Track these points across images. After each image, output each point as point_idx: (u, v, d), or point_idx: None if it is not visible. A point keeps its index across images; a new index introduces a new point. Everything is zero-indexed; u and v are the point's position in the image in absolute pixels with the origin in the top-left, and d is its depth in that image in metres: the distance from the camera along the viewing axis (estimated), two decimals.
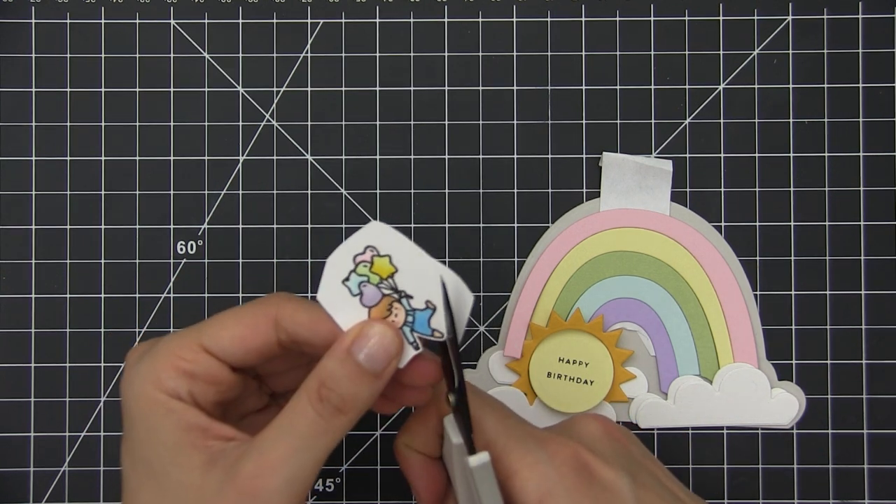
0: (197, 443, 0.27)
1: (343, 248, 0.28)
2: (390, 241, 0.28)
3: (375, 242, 0.28)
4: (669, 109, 0.40)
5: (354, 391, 0.27)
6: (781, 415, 0.39)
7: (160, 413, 0.27)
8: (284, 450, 0.26)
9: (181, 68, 0.40)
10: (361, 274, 0.28)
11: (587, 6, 0.40)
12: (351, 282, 0.28)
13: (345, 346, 0.27)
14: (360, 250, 0.28)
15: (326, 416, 0.27)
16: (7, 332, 0.40)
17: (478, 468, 0.27)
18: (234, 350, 0.28)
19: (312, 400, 0.27)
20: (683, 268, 0.40)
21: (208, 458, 0.27)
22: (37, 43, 0.40)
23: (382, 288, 0.28)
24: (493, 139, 0.40)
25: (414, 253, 0.28)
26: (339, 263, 0.28)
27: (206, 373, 0.28)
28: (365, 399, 0.27)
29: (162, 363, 0.28)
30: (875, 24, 0.40)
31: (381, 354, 0.27)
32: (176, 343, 0.28)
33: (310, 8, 0.41)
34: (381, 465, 0.40)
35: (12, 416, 0.40)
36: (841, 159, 0.40)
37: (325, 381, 0.27)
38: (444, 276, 0.28)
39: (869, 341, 0.40)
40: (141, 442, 0.27)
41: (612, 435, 0.31)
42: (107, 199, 0.40)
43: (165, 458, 0.27)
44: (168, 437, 0.27)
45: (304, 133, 0.40)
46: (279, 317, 0.28)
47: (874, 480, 0.40)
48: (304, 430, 0.27)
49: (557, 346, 0.39)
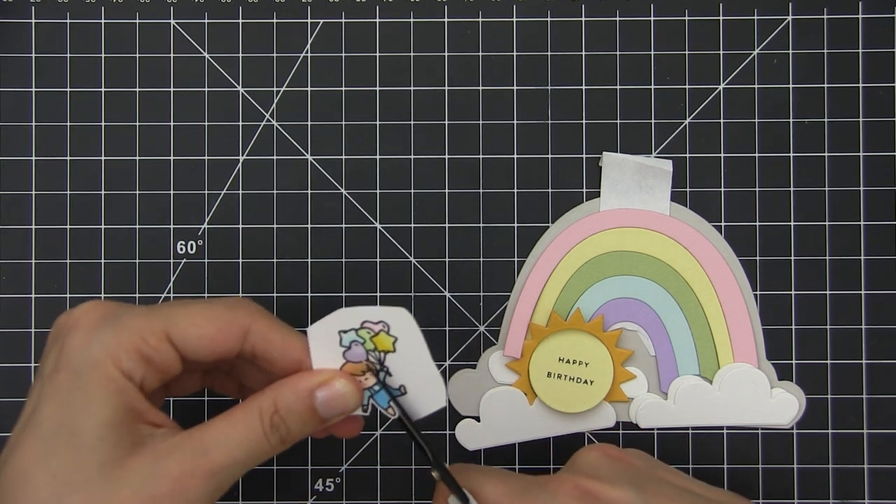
0: (131, 424, 0.27)
1: (359, 309, 0.29)
2: (406, 330, 0.29)
3: (392, 323, 0.29)
4: (669, 109, 0.40)
5: (301, 429, 0.29)
6: (781, 415, 0.39)
7: (109, 389, 0.27)
8: (226, 458, 0.27)
9: (181, 68, 0.40)
10: (360, 336, 0.29)
11: (587, 6, 0.40)
12: (347, 335, 0.29)
13: (310, 385, 0.29)
14: (374, 320, 0.29)
15: (272, 442, 0.28)
16: (7, 332, 0.40)
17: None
18: (198, 348, 0.29)
19: (265, 423, 0.28)
20: (683, 268, 0.40)
21: (135, 440, 0.27)
22: (37, 43, 0.40)
23: (370, 356, 0.30)
24: (493, 139, 0.40)
25: (421, 352, 0.29)
26: (347, 316, 0.29)
27: (163, 361, 0.28)
28: (305, 435, 0.29)
29: (126, 341, 0.28)
30: (875, 24, 0.40)
31: (338, 407, 0.29)
32: (142, 323, 0.28)
33: (310, 8, 0.41)
34: (380, 465, 0.40)
35: (12, 416, 0.40)
36: (841, 159, 0.40)
37: (280, 410, 0.28)
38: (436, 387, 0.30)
39: (869, 341, 0.40)
40: (75, 405, 0.27)
41: (612, 456, 0.32)
42: (107, 199, 0.40)
43: (98, 433, 0.27)
44: (107, 415, 0.27)
45: (304, 133, 0.40)
46: (252, 330, 0.29)
47: (874, 480, 0.40)
48: (249, 447, 0.28)
49: (557, 346, 0.39)
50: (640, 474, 0.31)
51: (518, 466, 0.40)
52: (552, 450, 0.40)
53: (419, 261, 0.40)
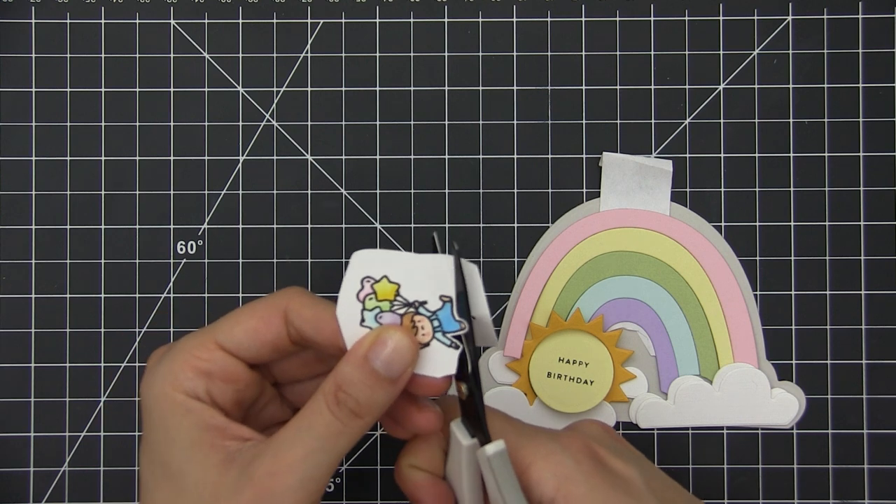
0: (215, 442, 0.27)
1: (343, 294, 0.28)
2: (379, 263, 0.28)
3: (367, 272, 0.28)
4: (669, 109, 0.40)
5: (370, 396, 0.27)
6: (781, 415, 0.39)
7: (178, 413, 0.27)
8: (301, 450, 0.26)
9: (181, 68, 0.40)
10: (372, 308, 0.28)
11: (587, 6, 0.40)
12: (367, 321, 0.28)
13: (362, 352, 0.27)
14: (358, 287, 0.28)
15: (343, 418, 0.27)
16: (7, 332, 0.40)
17: (495, 456, 0.27)
18: (248, 344, 0.28)
19: (329, 402, 0.27)
20: (683, 268, 0.40)
21: (225, 458, 0.27)
22: (37, 43, 0.40)
23: (396, 309, 0.28)
24: (493, 139, 0.40)
25: (405, 259, 0.28)
26: (347, 310, 0.28)
27: (223, 371, 0.28)
28: (381, 404, 0.27)
29: (179, 363, 0.28)
30: (875, 24, 0.40)
31: (398, 361, 0.27)
32: (192, 342, 0.28)
33: (310, 8, 0.41)
34: (380, 465, 0.40)
35: (12, 416, 0.40)
36: (841, 159, 0.40)
37: (342, 384, 0.27)
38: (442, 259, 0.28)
39: (869, 341, 0.40)
40: (159, 442, 0.28)
41: (612, 434, 0.32)
42: (107, 199, 0.40)
43: (182, 457, 0.27)
44: (186, 436, 0.27)
45: (304, 133, 0.40)
46: (288, 310, 0.29)
47: (874, 480, 0.40)
48: (320, 431, 0.27)
49: (557, 346, 0.39)
50: (638, 456, 0.32)
51: None
52: None
53: None
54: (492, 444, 0.28)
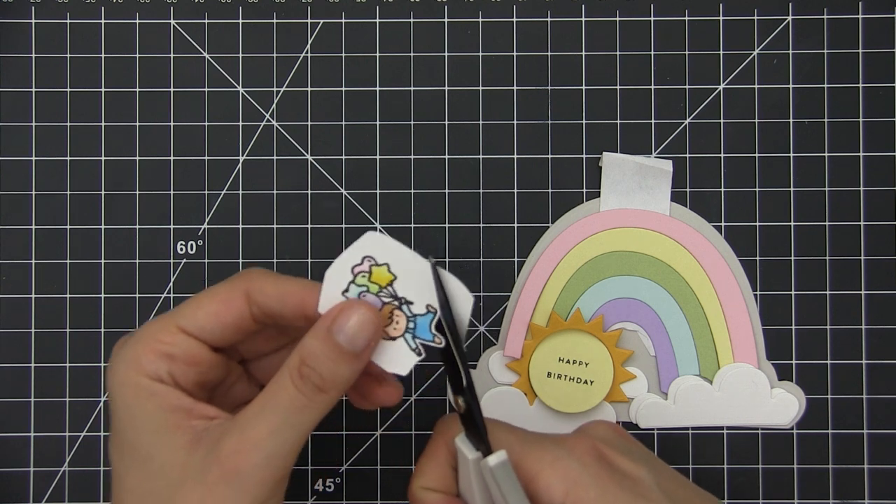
0: (181, 423, 0.27)
1: (340, 260, 0.28)
2: (387, 250, 0.28)
3: (372, 252, 0.28)
4: (669, 109, 0.40)
5: (334, 370, 0.27)
6: (781, 415, 0.39)
7: (143, 397, 0.27)
8: (265, 426, 0.27)
9: (181, 68, 0.40)
10: (360, 284, 0.28)
11: (587, 6, 0.40)
12: (350, 292, 0.28)
13: (325, 325, 0.27)
14: (357, 261, 0.28)
15: (307, 393, 0.27)
16: (7, 332, 0.40)
17: (497, 466, 0.27)
18: (210, 326, 0.28)
19: (294, 377, 0.27)
20: (683, 268, 0.40)
21: (192, 438, 0.27)
22: (37, 43, 0.40)
23: (382, 296, 0.28)
24: (493, 139, 0.40)
25: (411, 258, 0.28)
26: (336, 275, 0.28)
27: (185, 353, 0.28)
28: (345, 378, 0.27)
29: (142, 348, 0.28)
30: (875, 24, 0.40)
31: (361, 334, 0.27)
32: (153, 328, 0.28)
33: (310, 8, 0.41)
34: (381, 465, 0.40)
35: (12, 416, 0.40)
36: (841, 159, 0.40)
37: (306, 358, 0.27)
38: (443, 276, 0.28)
39: (869, 341, 0.40)
40: (125, 428, 0.28)
41: (621, 433, 0.32)
42: (107, 199, 0.40)
43: (150, 441, 0.27)
44: (151, 419, 0.27)
45: (304, 133, 0.40)
46: (249, 290, 0.29)
47: (874, 480, 0.40)
48: (284, 406, 0.27)
49: (557, 346, 0.39)
50: (648, 455, 0.31)
51: None
52: None
53: None
54: (493, 455, 0.28)
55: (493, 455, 0.27)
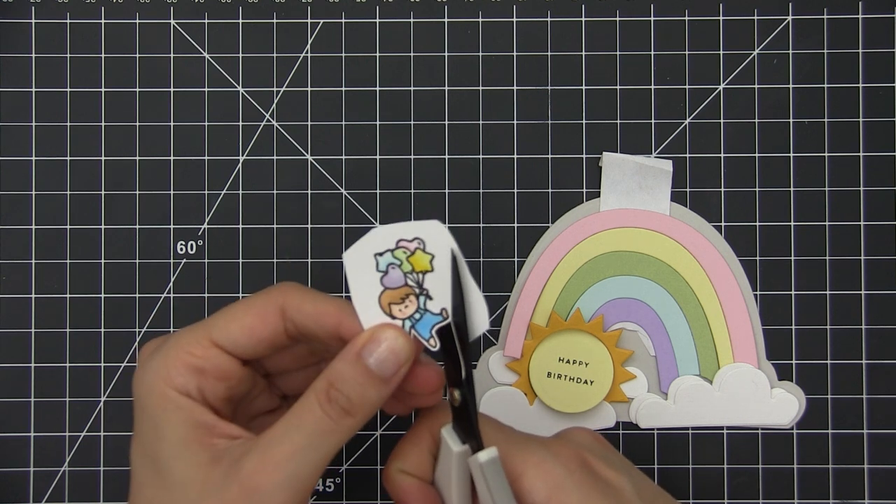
0: (203, 440, 0.27)
1: (393, 227, 0.28)
2: (442, 245, 0.28)
3: (427, 238, 0.28)
4: (669, 109, 0.40)
5: (362, 394, 0.27)
6: (781, 415, 0.39)
7: (169, 409, 0.27)
8: (289, 447, 0.26)
9: (181, 68, 0.40)
10: (396, 257, 0.28)
11: (587, 6, 0.40)
12: (383, 257, 0.28)
13: (356, 349, 0.27)
14: (408, 237, 0.28)
15: (334, 416, 0.27)
16: (7, 332, 0.40)
17: (488, 463, 0.27)
18: (244, 341, 0.28)
19: (321, 399, 0.27)
20: (683, 268, 0.40)
21: (212, 456, 0.27)
22: (37, 43, 0.40)
23: (408, 278, 0.28)
24: (493, 139, 0.40)
25: (458, 265, 0.28)
26: (381, 237, 0.28)
27: (216, 368, 0.28)
28: (373, 403, 0.27)
29: (172, 359, 0.28)
30: (875, 24, 0.40)
31: (392, 360, 0.27)
32: (186, 338, 0.28)
33: (310, 8, 0.41)
34: (380, 465, 0.40)
35: (12, 416, 0.40)
36: (841, 159, 0.40)
37: (334, 381, 0.27)
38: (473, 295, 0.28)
39: (869, 341, 0.40)
40: (149, 437, 0.28)
41: (602, 442, 0.32)
42: (107, 199, 0.40)
43: (171, 454, 0.27)
44: (175, 433, 0.27)
45: (304, 133, 0.40)
46: (286, 306, 0.28)
47: (874, 480, 0.40)
48: (310, 428, 0.27)
49: (557, 346, 0.39)
50: (628, 465, 0.31)
51: None
52: None
53: None
54: (484, 451, 0.27)
55: (484, 451, 0.27)
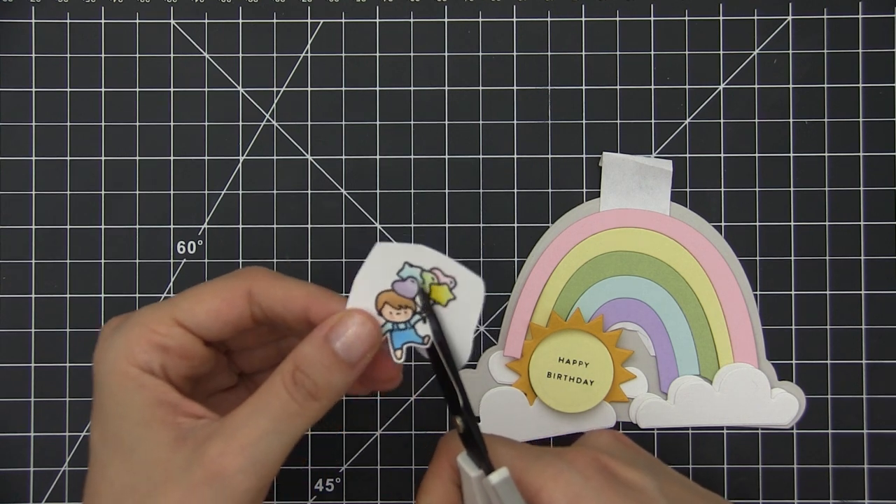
0: (166, 419, 0.27)
1: (440, 255, 0.28)
2: (469, 299, 0.28)
3: (462, 283, 0.28)
4: (669, 109, 0.40)
5: (328, 378, 0.27)
6: (781, 415, 0.39)
7: (131, 388, 0.27)
8: (253, 430, 0.26)
9: (181, 68, 0.40)
10: (423, 277, 0.28)
11: (587, 6, 0.40)
12: (412, 269, 0.28)
13: (323, 332, 0.27)
14: (446, 271, 0.28)
15: (299, 399, 0.27)
16: (7, 332, 0.40)
17: (500, 484, 0.27)
18: (209, 324, 0.28)
19: (287, 382, 0.27)
20: (683, 268, 0.40)
21: (177, 435, 0.27)
22: (37, 43, 0.40)
23: (418, 297, 0.28)
24: (493, 139, 0.40)
25: (468, 323, 0.28)
26: (422, 253, 0.28)
27: (180, 347, 0.28)
28: (338, 387, 0.27)
29: (136, 336, 0.28)
30: (875, 24, 0.40)
31: (358, 344, 0.27)
32: (150, 316, 0.28)
33: (310, 8, 0.41)
34: (380, 465, 0.40)
35: (12, 416, 0.40)
36: (841, 159, 0.40)
37: (301, 365, 0.27)
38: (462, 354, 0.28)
39: (869, 341, 0.40)
40: (111, 416, 0.27)
41: (624, 442, 0.32)
42: (107, 199, 0.40)
43: (135, 433, 0.27)
44: (138, 412, 0.27)
45: (304, 133, 0.40)
46: (253, 290, 0.28)
47: (874, 480, 0.40)
48: (275, 411, 0.27)
49: (557, 346, 0.39)
50: (652, 462, 0.31)
51: None
52: None
53: None
54: (495, 473, 0.27)
55: (495, 473, 0.27)
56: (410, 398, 0.40)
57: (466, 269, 0.28)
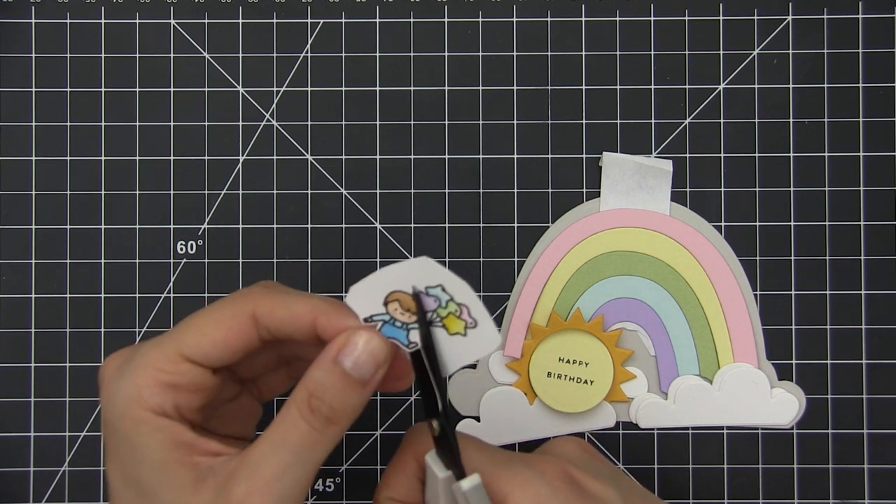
0: (184, 460, 0.26)
1: (474, 297, 0.27)
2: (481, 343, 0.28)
3: (480, 328, 0.28)
4: (669, 109, 0.40)
5: (344, 400, 0.26)
6: (781, 415, 0.39)
7: (146, 432, 0.26)
8: (277, 465, 0.26)
9: (181, 68, 0.40)
10: (447, 304, 0.28)
11: (587, 6, 0.40)
12: (442, 293, 0.27)
13: (331, 355, 0.27)
14: (473, 311, 0.28)
15: (318, 427, 0.26)
16: (7, 332, 0.40)
17: (471, 490, 0.27)
18: (217, 354, 0.27)
19: (303, 412, 0.26)
20: (683, 268, 0.40)
21: (197, 476, 0.26)
22: (37, 43, 0.40)
23: (435, 315, 0.28)
24: (493, 139, 0.40)
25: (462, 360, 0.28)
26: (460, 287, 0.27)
27: (190, 382, 0.27)
28: (355, 407, 0.27)
29: (143, 378, 0.27)
30: (875, 24, 0.40)
31: (369, 362, 0.27)
32: (155, 355, 0.27)
33: (310, 8, 0.41)
34: (381, 465, 0.40)
35: (12, 416, 0.40)
36: (841, 159, 0.40)
37: (314, 391, 0.26)
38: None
39: (869, 341, 0.40)
40: (128, 460, 0.27)
41: (589, 452, 0.32)
42: (107, 199, 0.40)
43: (154, 477, 0.26)
44: (155, 455, 0.26)
45: (304, 133, 0.40)
46: (257, 313, 0.28)
47: (874, 480, 0.40)
48: (296, 443, 0.26)
49: (557, 346, 0.39)
50: (616, 474, 0.31)
51: None
52: None
53: None
54: (467, 479, 0.27)
55: (467, 479, 0.27)
56: (410, 398, 0.40)
57: (493, 322, 0.28)
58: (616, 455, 0.40)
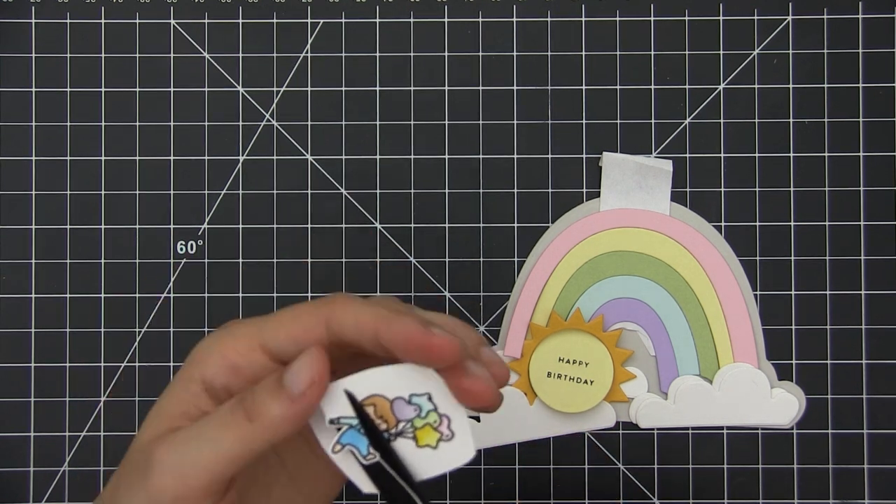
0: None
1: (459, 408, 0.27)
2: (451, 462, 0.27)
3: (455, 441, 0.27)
4: (669, 109, 0.40)
5: (266, 402, 0.26)
6: (781, 415, 0.39)
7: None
8: (193, 431, 0.26)
9: (181, 68, 0.40)
10: (425, 414, 0.27)
11: (587, 6, 0.40)
12: (426, 403, 0.27)
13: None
14: (451, 424, 0.27)
15: (234, 414, 0.26)
16: (7, 332, 0.40)
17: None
18: (287, 347, 0.27)
19: (235, 398, 0.27)
20: (683, 268, 0.40)
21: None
22: (37, 43, 0.40)
23: (404, 424, 0.27)
24: (493, 139, 0.40)
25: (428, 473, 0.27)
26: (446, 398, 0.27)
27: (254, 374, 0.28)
28: (273, 416, 0.26)
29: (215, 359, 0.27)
30: (875, 24, 0.40)
31: (297, 378, 0.26)
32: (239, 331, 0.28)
33: (310, 8, 0.41)
34: None
35: (12, 416, 0.40)
36: (841, 159, 0.40)
37: (255, 385, 0.27)
38: None
39: (869, 341, 0.40)
40: None
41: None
42: (107, 199, 0.40)
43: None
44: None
45: (304, 133, 0.40)
46: (330, 321, 0.28)
47: (874, 480, 0.40)
48: (214, 420, 0.26)
49: (557, 346, 0.39)
50: None
51: (518, 466, 0.40)
52: (552, 450, 0.40)
53: (419, 261, 0.40)
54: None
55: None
56: None
57: (471, 436, 0.27)
58: (616, 455, 0.40)
